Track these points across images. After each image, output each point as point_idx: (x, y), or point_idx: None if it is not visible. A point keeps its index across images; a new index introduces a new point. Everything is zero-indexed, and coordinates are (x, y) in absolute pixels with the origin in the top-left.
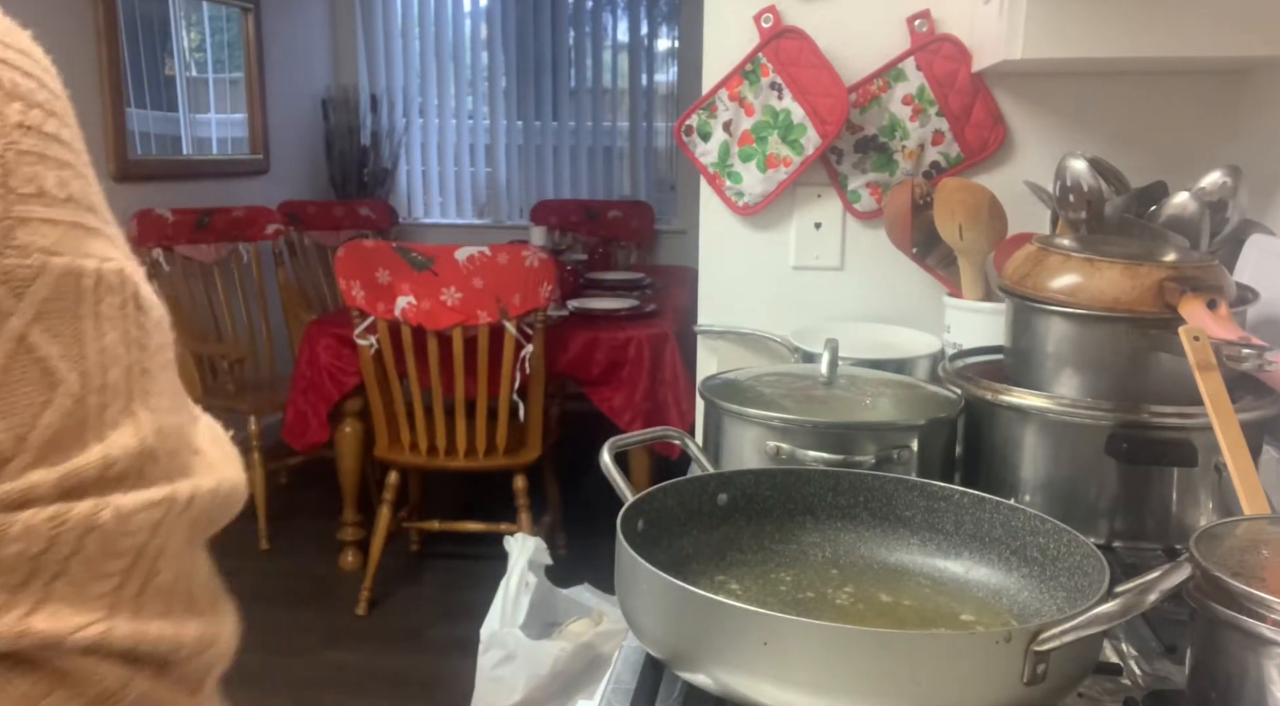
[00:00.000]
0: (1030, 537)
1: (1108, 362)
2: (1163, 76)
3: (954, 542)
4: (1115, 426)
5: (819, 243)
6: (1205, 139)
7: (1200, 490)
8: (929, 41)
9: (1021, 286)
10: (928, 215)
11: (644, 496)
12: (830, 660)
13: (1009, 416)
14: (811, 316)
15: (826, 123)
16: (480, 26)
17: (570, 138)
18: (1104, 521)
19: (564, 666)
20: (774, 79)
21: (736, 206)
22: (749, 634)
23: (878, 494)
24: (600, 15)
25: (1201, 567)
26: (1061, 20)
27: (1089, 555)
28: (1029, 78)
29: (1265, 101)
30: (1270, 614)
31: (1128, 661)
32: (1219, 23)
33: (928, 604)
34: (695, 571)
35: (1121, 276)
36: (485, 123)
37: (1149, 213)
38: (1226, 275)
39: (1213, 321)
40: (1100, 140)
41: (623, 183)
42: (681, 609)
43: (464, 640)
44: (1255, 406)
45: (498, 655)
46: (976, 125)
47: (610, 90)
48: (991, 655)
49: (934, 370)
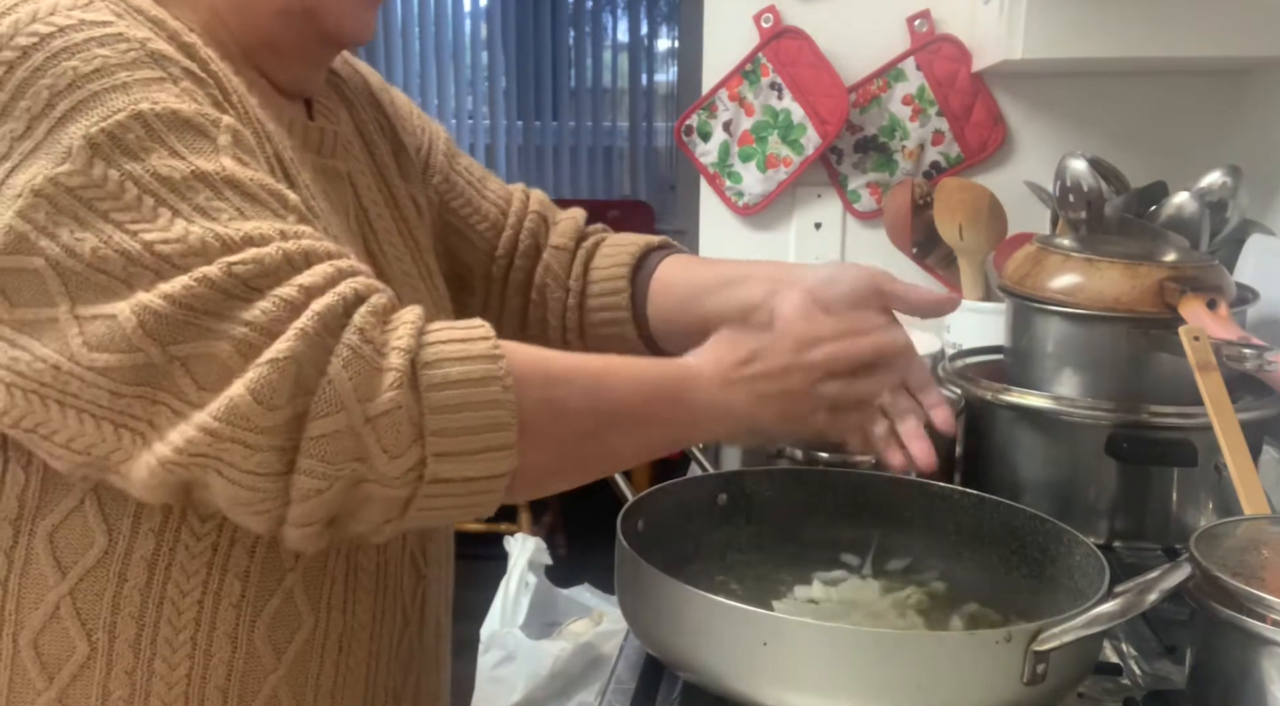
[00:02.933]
0: (1030, 537)
1: (1108, 363)
2: (1163, 76)
3: (954, 543)
4: (1115, 426)
5: (819, 243)
6: (1205, 139)
7: (1200, 490)
8: (929, 41)
9: (1021, 286)
10: (928, 215)
11: (644, 496)
12: (830, 660)
13: (1009, 416)
14: None
15: (826, 123)
16: (480, 26)
17: (570, 138)
18: (1104, 521)
19: (564, 666)
20: (774, 79)
21: (736, 206)
22: (749, 634)
23: (877, 494)
24: (600, 15)
25: (1201, 567)
26: (1061, 20)
27: (1089, 555)
28: (1029, 78)
29: (1265, 101)
30: (1270, 614)
31: (1128, 661)
32: (1219, 23)
33: (928, 604)
34: (695, 571)
35: (1121, 276)
36: (485, 123)
37: (1149, 213)
38: (1226, 275)
39: (1213, 321)
40: (1100, 140)
41: (623, 183)
42: (682, 609)
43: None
44: (1255, 406)
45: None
46: (976, 125)
47: (610, 90)
48: (991, 655)
49: (934, 370)
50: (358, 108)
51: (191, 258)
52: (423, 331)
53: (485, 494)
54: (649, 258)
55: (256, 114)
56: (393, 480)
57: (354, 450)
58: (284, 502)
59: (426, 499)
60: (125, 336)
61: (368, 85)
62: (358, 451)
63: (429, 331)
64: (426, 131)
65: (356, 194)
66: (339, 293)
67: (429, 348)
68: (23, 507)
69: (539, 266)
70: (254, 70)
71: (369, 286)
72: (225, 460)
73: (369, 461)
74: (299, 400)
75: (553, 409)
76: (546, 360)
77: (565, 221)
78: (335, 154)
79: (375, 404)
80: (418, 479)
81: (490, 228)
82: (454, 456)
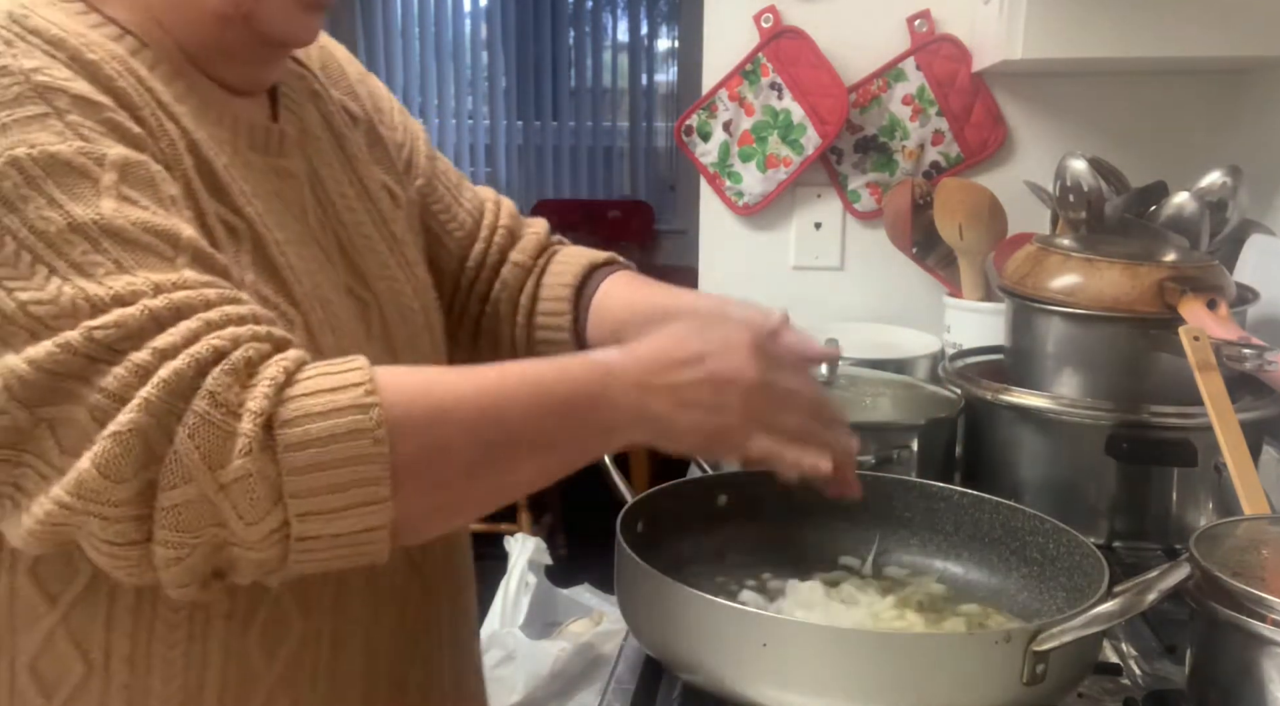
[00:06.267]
0: (1030, 537)
1: (1108, 363)
2: (1163, 76)
3: (954, 543)
4: (1115, 426)
5: (819, 243)
6: (1205, 139)
7: (1200, 490)
8: (929, 41)
9: (1021, 286)
10: (928, 215)
11: (644, 498)
12: (830, 661)
13: (1009, 416)
14: (811, 316)
15: (826, 123)
16: (480, 26)
17: (570, 138)
18: (1104, 521)
19: (564, 666)
20: (774, 79)
21: (736, 206)
22: (749, 635)
23: (878, 494)
24: (600, 15)
25: (1201, 567)
26: (1061, 20)
27: (1088, 555)
28: (1029, 78)
29: (1265, 101)
30: (1270, 614)
31: (1128, 661)
32: (1219, 23)
33: (927, 604)
34: (695, 573)
35: (1121, 276)
36: (485, 123)
37: (1149, 213)
38: (1226, 275)
39: (1213, 321)
40: (1100, 140)
41: (623, 183)
42: (681, 611)
43: None
44: (1255, 406)
45: (498, 655)
46: (976, 125)
47: (610, 90)
48: (991, 655)
49: (934, 370)
50: (325, 99)
51: (61, 319)
52: (286, 385)
53: (365, 545)
54: (592, 277)
55: (184, 124)
56: (255, 544)
57: (210, 517)
58: (148, 568)
59: (301, 553)
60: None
61: (345, 74)
62: (214, 518)
63: (297, 381)
64: (408, 130)
65: (322, 190)
66: (194, 353)
67: (290, 403)
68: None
69: (497, 280)
70: (198, 72)
71: (235, 339)
72: (85, 530)
73: (228, 527)
74: (148, 470)
75: (436, 450)
76: (431, 395)
77: (529, 237)
78: (287, 152)
79: (226, 471)
80: (283, 539)
81: (465, 236)
82: (320, 515)
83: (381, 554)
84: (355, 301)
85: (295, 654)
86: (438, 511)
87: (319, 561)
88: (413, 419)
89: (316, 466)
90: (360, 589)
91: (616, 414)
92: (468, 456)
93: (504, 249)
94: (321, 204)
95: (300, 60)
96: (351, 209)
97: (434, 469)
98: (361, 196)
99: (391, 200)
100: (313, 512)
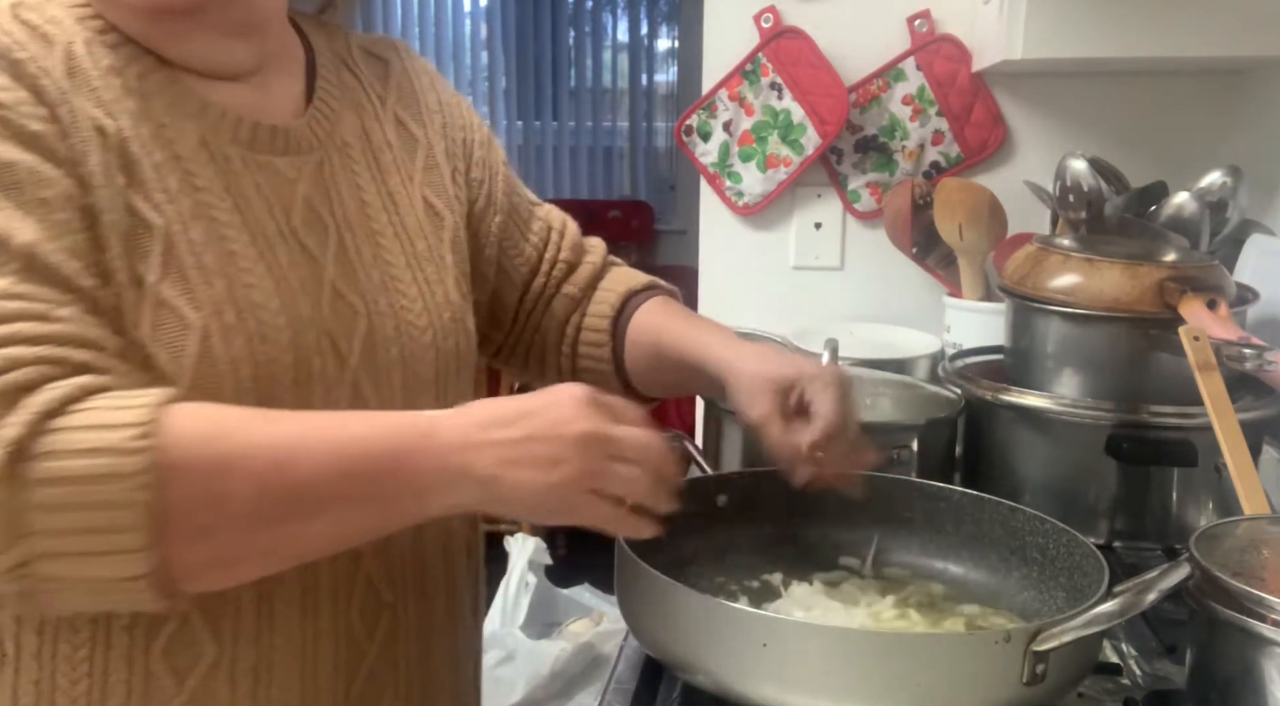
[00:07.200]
0: (1030, 537)
1: (1108, 363)
2: (1163, 76)
3: (954, 543)
4: (1115, 426)
5: (819, 243)
6: (1205, 139)
7: (1200, 490)
8: (929, 41)
9: (1021, 286)
10: (928, 215)
11: None
12: (830, 661)
13: (1009, 416)
14: (811, 316)
15: (826, 123)
16: (480, 26)
17: (570, 138)
18: (1104, 521)
19: (564, 666)
20: (774, 79)
21: (736, 206)
22: (749, 635)
23: (878, 494)
24: (600, 15)
25: (1201, 567)
26: (1061, 20)
27: (1088, 555)
28: (1029, 78)
29: (1265, 101)
30: (1270, 614)
31: (1128, 661)
32: (1219, 23)
33: (927, 604)
34: (695, 573)
35: (1121, 276)
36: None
37: (1149, 213)
38: (1226, 275)
39: (1213, 321)
40: (1100, 140)
41: (623, 183)
42: (681, 611)
43: None
44: (1255, 406)
45: (498, 655)
46: (976, 125)
47: (610, 90)
48: (991, 655)
49: (934, 370)
50: (373, 114)
51: None
52: (56, 414)
53: (125, 593)
54: (628, 305)
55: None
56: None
57: None
58: None
59: (54, 593)
60: None
61: (418, 100)
62: None
63: (73, 411)
64: (488, 165)
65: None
66: None
67: (55, 435)
68: None
69: (548, 312)
70: (152, 57)
71: (13, 360)
72: None
73: None
74: None
75: (211, 501)
76: (219, 442)
77: (584, 268)
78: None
79: None
80: (28, 576)
81: (529, 271)
82: (69, 557)
83: (148, 603)
84: (344, 305)
85: (207, 679)
86: (217, 564)
87: (85, 604)
88: (190, 467)
89: (70, 505)
90: (292, 619)
91: (427, 476)
92: (250, 509)
93: (560, 282)
94: (325, 205)
95: (359, 73)
96: (369, 216)
97: (208, 519)
98: (387, 208)
99: (434, 218)
100: (62, 553)
